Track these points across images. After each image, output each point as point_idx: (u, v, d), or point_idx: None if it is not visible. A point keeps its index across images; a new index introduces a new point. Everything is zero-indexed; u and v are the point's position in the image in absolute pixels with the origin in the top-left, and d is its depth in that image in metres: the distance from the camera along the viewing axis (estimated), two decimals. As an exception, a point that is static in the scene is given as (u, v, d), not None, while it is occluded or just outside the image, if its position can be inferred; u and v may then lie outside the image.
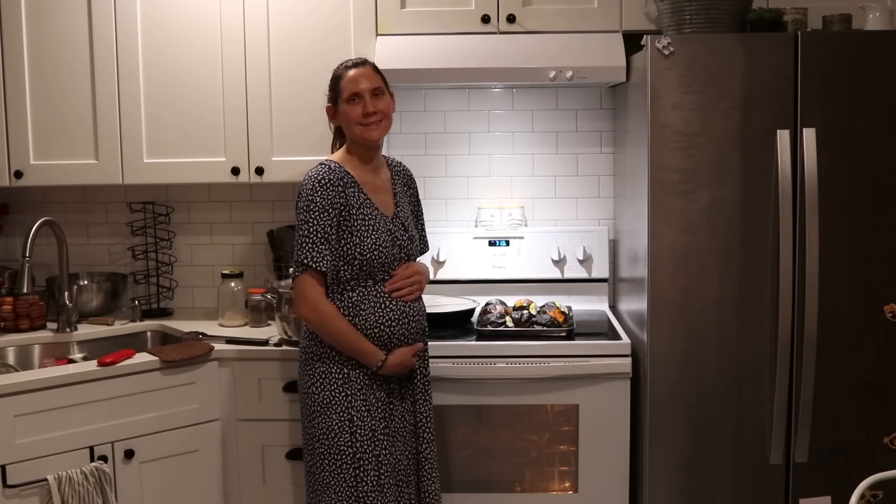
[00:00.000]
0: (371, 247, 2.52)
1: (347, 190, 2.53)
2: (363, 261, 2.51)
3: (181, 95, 3.15)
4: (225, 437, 2.96)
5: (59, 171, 3.18)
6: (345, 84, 2.56)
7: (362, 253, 2.51)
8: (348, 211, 2.52)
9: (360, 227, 2.52)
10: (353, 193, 2.54)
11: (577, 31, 3.11)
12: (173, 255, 3.53)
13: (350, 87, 2.55)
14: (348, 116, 2.56)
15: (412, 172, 2.81)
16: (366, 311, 2.53)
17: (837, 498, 2.69)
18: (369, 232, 2.53)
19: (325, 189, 2.50)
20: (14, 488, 2.56)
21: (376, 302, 2.55)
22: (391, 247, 2.56)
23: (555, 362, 2.87)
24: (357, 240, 2.51)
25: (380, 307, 2.55)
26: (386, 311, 2.56)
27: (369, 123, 2.55)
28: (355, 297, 2.54)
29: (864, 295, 2.72)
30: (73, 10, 3.12)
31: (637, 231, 2.92)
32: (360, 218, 2.53)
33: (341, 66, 2.61)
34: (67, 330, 3.17)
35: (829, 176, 2.68)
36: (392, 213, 2.62)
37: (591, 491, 2.92)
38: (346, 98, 2.56)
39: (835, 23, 2.84)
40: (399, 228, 2.61)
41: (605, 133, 3.50)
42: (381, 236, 2.54)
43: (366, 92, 2.55)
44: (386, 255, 2.55)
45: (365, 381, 2.54)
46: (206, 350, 2.91)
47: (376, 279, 2.56)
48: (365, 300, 2.54)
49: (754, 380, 2.76)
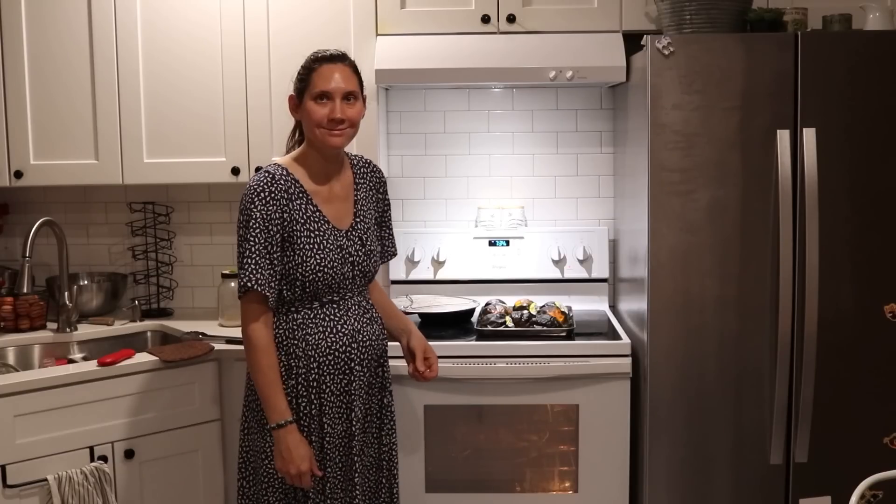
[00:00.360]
0: (314, 268, 2.31)
1: (293, 202, 2.32)
2: (305, 282, 2.32)
3: (181, 95, 3.15)
4: (225, 437, 2.96)
5: (59, 171, 3.18)
6: (316, 78, 2.31)
7: (304, 274, 2.31)
8: (291, 226, 2.30)
9: (304, 245, 2.31)
10: (298, 206, 2.32)
11: (577, 31, 3.11)
12: (173, 255, 3.53)
13: (321, 84, 2.30)
14: (312, 116, 2.31)
15: (383, 172, 2.60)
16: (313, 334, 2.35)
17: (837, 498, 2.69)
18: (314, 251, 2.32)
19: (265, 203, 2.28)
20: (14, 488, 2.55)
21: (324, 325, 2.36)
22: (341, 265, 2.36)
23: (555, 362, 2.87)
24: (299, 259, 2.31)
25: (327, 331, 2.36)
26: (335, 335, 2.36)
27: (333, 129, 2.32)
28: (300, 320, 2.35)
29: (864, 295, 2.72)
30: (73, 10, 3.12)
31: (637, 231, 2.92)
32: (304, 234, 2.32)
33: (317, 56, 2.36)
34: (67, 330, 3.17)
35: (829, 176, 2.68)
36: (348, 226, 2.41)
37: (591, 491, 2.92)
38: (314, 94, 2.31)
39: (835, 23, 2.84)
40: (354, 243, 2.40)
41: (605, 133, 3.50)
42: (329, 255, 2.34)
43: (337, 94, 2.31)
44: (333, 276, 2.35)
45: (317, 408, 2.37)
46: (206, 350, 2.91)
47: (322, 301, 2.36)
48: (311, 323, 2.36)
49: (754, 380, 2.76)
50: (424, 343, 2.63)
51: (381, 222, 2.60)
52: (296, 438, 2.31)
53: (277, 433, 2.30)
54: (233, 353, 2.95)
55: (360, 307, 2.46)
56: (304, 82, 2.35)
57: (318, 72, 2.33)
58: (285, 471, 2.31)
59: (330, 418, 2.39)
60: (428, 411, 2.90)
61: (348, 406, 2.41)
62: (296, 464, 2.29)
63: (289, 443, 2.29)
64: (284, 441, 2.29)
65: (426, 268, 3.41)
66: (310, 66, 2.36)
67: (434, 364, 2.61)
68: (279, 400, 2.30)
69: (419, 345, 2.61)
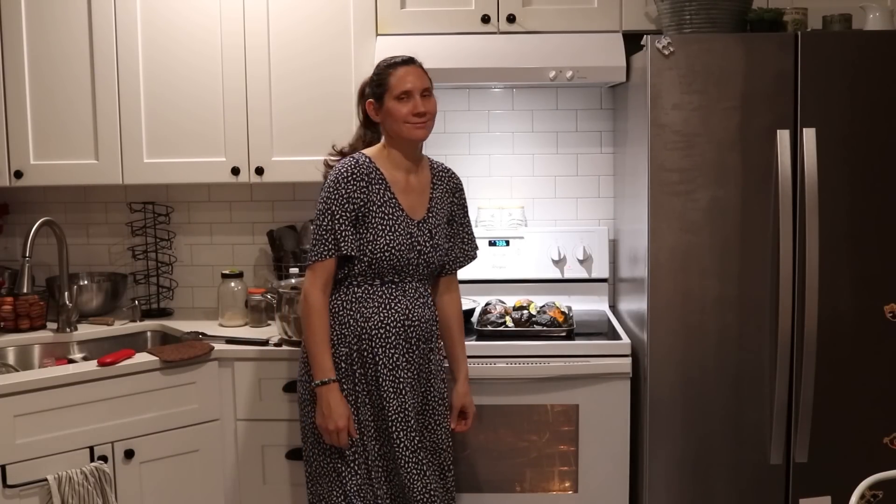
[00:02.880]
0: (383, 247, 2.50)
1: (372, 186, 2.52)
2: (373, 259, 2.50)
3: (181, 95, 3.15)
4: (225, 437, 2.96)
5: (59, 171, 3.18)
6: (395, 81, 2.53)
7: (373, 251, 2.50)
8: (368, 207, 2.50)
9: (377, 226, 2.51)
10: (377, 190, 2.53)
11: (576, 31, 3.11)
12: (173, 255, 3.53)
13: (401, 85, 2.52)
14: (396, 113, 2.52)
15: (461, 180, 2.74)
16: (368, 308, 2.52)
17: (837, 498, 2.69)
18: (385, 232, 2.51)
19: (347, 182, 2.49)
20: (14, 488, 2.56)
21: (379, 302, 2.53)
22: (408, 251, 2.53)
23: (555, 362, 2.87)
24: (371, 237, 2.50)
25: (382, 307, 2.53)
26: (389, 313, 2.53)
27: (417, 122, 2.53)
28: (359, 294, 2.53)
29: (864, 295, 2.72)
30: (74, 10, 3.12)
31: (637, 231, 2.92)
32: (379, 216, 2.51)
33: (389, 62, 2.57)
34: (67, 330, 3.17)
35: (829, 176, 2.68)
36: (420, 217, 2.59)
37: (591, 491, 2.92)
38: (396, 95, 2.52)
39: (835, 23, 2.84)
40: (424, 234, 2.58)
41: (605, 133, 3.50)
42: (399, 238, 2.52)
43: (416, 91, 2.52)
44: (399, 259, 2.53)
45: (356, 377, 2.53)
46: (206, 350, 2.91)
47: (384, 280, 2.54)
48: (368, 298, 2.53)
49: (754, 380, 2.76)
50: (464, 400, 2.71)
51: (460, 226, 2.74)
52: (337, 396, 2.48)
53: (320, 390, 2.48)
54: (233, 353, 2.96)
55: (417, 292, 2.59)
56: (382, 87, 2.56)
57: (395, 75, 2.54)
58: (324, 426, 2.48)
59: (366, 391, 2.54)
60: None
61: (396, 381, 2.54)
62: (334, 420, 2.46)
63: (330, 399, 2.46)
64: (326, 397, 2.47)
65: (426, 268, 3.41)
66: (385, 72, 2.56)
67: (470, 419, 2.73)
68: (325, 359, 2.48)
69: (458, 402, 2.70)
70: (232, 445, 2.97)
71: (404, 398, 2.54)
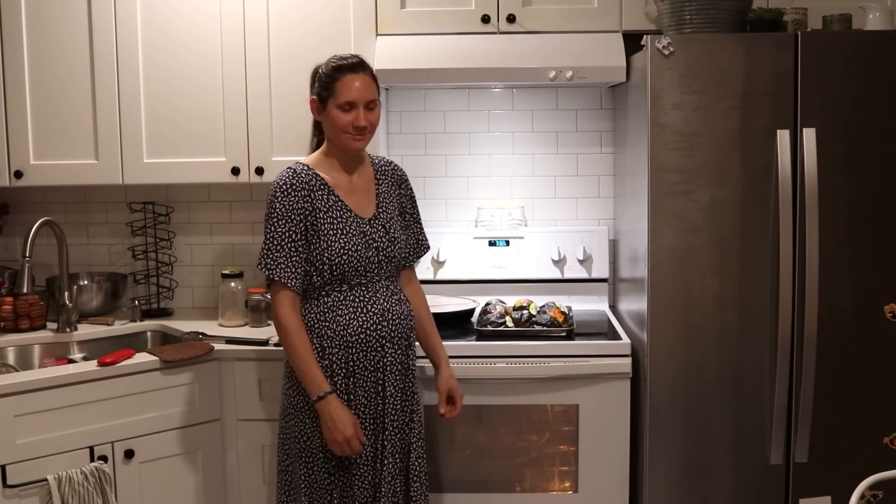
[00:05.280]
0: (339, 251, 2.46)
1: (314, 193, 2.48)
2: (332, 265, 2.46)
3: (181, 95, 3.15)
4: (225, 437, 2.96)
5: (59, 171, 3.18)
6: (340, 88, 2.46)
7: (330, 257, 2.46)
8: (315, 215, 2.47)
9: (328, 231, 2.47)
10: (320, 197, 2.48)
11: (576, 31, 3.11)
12: (173, 255, 3.53)
13: (346, 94, 2.46)
14: (337, 122, 2.48)
15: (404, 171, 2.72)
16: (343, 315, 2.48)
17: (837, 498, 2.69)
18: (337, 236, 2.47)
19: (287, 195, 2.45)
20: (14, 488, 2.56)
21: (353, 306, 2.49)
22: (365, 249, 2.50)
23: (555, 362, 2.87)
24: (324, 244, 2.46)
25: (357, 311, 2.49)
26: (365, 315, 2.50)
27: (355, 135, 2.49)
28: (330, 303, 2.49)
29: (864, 295, 2.72)
30: (74, 10, 3.12)
31: (637, 231, 2.92)
32: (327, 221, 2.47)
33: (338, 64, 2.49)
34: (67, 330, 3.17)
35: (829, 176, 2.68)
36: (371, 215, 2.55)
37: (591, 491, 2.92)
38: (339, 103, 2.47)
39: (835, 23, 2.84)
40: (377, 230, 2.54)
41: (605, 133, 3.50)
42: (353, 239, 2.49)
43: (361, 103, 2.47)
44: (358, 259, 2.49)
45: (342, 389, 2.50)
46: (206, 350, 2.91)
47: (351, 284, 2.50)
48: (341, 305, 2.49)
49: (754, 380, 2.76)
50: (449, 384, 2.70)
51: (411, 218, 2.72)
52: (337, 406, 2.44)
53: (319, 405, 2.43)
54: (233, 353, 2.96)
55: (388, 290, 2.57)
56: (328, 91, 2.49)
57: (341, 82, 2.47)
58: (332, 439, 2.44)
59: (363, 396, 2.51)
60: (428, 411, 2.89)
61: (381, 383, 2.53)
62: (340, 430, 2.42)
63: (331, 411, 2.42)
64: (327, 410, 2.43)
65: (426, 268, 3.41)
66: (332, 76, 2.49)
67: (458, 403, 2.71)
68: (316, 374, 2.44)
69: (444, 386, 2.70)
70: (232, 445, 2.97)
71: (395, 401, 2.54)
